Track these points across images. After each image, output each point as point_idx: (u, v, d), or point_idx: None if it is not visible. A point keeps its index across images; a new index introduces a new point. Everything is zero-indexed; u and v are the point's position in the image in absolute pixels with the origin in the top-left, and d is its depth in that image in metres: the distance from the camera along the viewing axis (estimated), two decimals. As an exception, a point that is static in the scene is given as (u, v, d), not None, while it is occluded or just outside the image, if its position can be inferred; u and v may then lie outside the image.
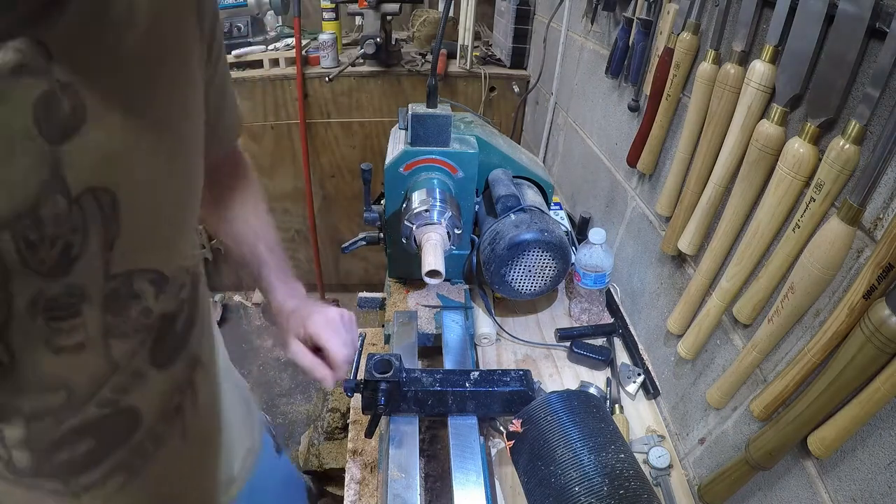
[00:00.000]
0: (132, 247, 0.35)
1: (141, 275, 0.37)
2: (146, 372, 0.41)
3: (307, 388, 2.01)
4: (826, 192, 0.49)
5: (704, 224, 0.71)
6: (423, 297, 1.00)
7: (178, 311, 0.43)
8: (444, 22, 0.83)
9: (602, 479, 0.54)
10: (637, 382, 0.87)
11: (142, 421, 0.42)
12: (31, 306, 0.32)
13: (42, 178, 0.29)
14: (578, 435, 0.58)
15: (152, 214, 0.37)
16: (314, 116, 1.89)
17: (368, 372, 0.68)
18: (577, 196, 1.35)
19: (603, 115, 1.17)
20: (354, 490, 0.75)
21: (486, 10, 2.19)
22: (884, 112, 0.44)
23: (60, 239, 0.31)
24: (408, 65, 1.83)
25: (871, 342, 0.41)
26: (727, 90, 0.63)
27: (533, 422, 0.62)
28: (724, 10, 0.67)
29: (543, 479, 0.57)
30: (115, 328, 0.37)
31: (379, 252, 1.08)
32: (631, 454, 0.58)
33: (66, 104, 0.29)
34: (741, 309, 0.62)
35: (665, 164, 0.87)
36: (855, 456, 0.47)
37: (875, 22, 0.44)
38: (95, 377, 0.37)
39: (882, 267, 0.42)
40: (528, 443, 0.61)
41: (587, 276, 0.95)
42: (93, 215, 0.32)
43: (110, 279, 0.35)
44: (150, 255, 0.38)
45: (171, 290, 0.41)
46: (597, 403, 0.64)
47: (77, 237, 0.32)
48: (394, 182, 0.91)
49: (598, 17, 1.19)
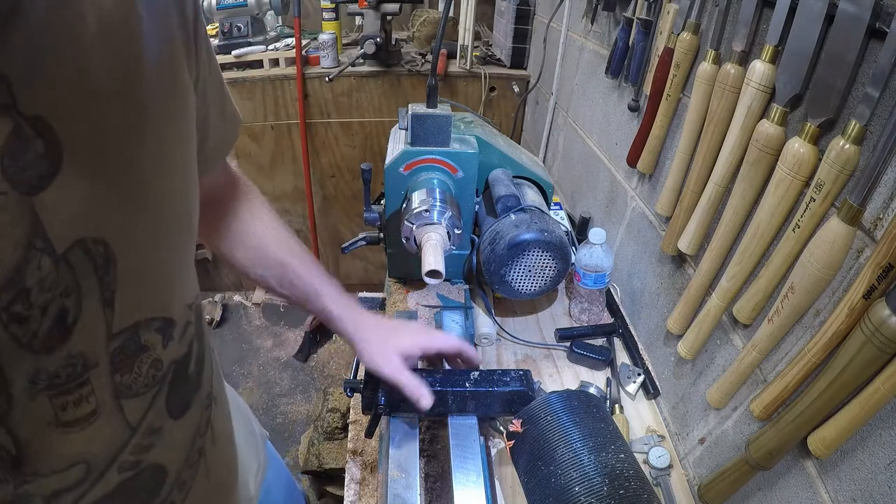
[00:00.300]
0: (134, 298, 0.32)
1: (146, 325, 0.34)
2: (164, 425, 0.37)
3: (307, 388, 2.01)
4: (826, 192, 0.49)
5: (704, 224, 0.71)
6: (423, 297, 1.00)
7: (188, 354, 0.39)
8: (444, 22, 0.83)
9: (602, 479, 0.54)
10: (637, 382, 0.87)
11: (167, 475, 0.38)
12: (31, 387, 0.28)
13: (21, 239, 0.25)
14: (578, 435, 0.58)
15: (151, 259, 0.33)
16: (314, 116, 1.89)
17: (368, 372, 0.68)
18: (577, 196, 1.35)
19: (603, 115, 1.17)
20: (354, 490, 0.75)
21: (486, 10, 2.19)
22: (884, 112, 0.44)
23: (52, 305, 0.27)
24: (408, 65, 1.83)
25: (871, 342, 0.41)
26: (727, 90, 0.63)
27: (533, 422, 0.62)
28: (724, 10, 0.67)
29: (543, 479, 0.57)
30: (126, 388, 0.33)
31: (379, 252, 1.08)
32: (631, 454, 0.58)
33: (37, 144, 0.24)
34: (741, 309, 0.62)
35: (665, 164, 0.87)
36: (855, 456, 0.47)
37: (875, 22, 0.44)
38: (113, 443, 0.34)
39: (882, 267, 0.42)
40: (528, 443, 0.61)
41: (587, 276, 0.95)
42: (84, 271, 0.28)
43: (114, 338, 0.31)
44: (155, 302, 0.34)
45: (178, 334, 0.37)
46: (596, 403, 0.64)
47: (71, 300, 0.28)
48: (394, 182, 0.91)
49: (598, 17, 1.19)
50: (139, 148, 0.31)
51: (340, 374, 2.05)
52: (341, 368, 2.08)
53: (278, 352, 2.16)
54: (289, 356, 2.13)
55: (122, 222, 0.30)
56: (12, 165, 0.24)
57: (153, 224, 0.33)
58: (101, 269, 0.29)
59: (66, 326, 0.28)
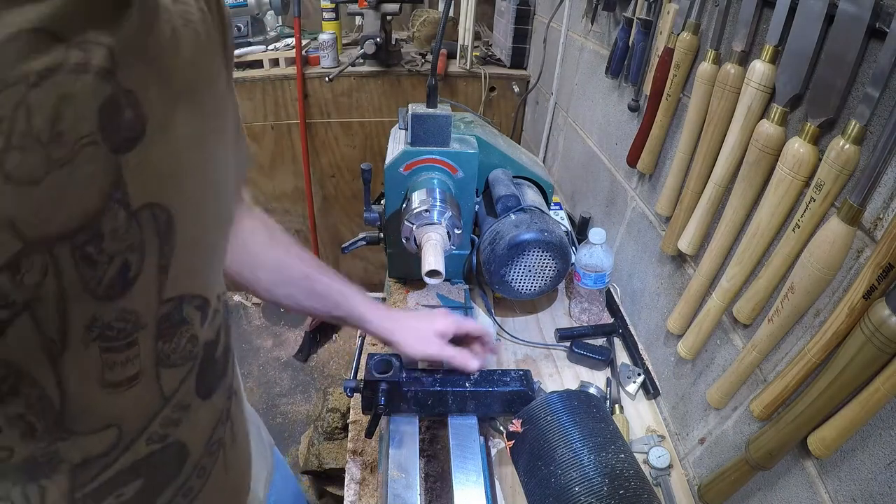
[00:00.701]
0: (183, 270, 0.34)
1: (189, 300, 0.36)
2: (192, 403, 0.39)
3: (307, 388, 2.01)
4: (826, 192, 0.49)
5: (704, 224, 0.71)
6: (423, 297, 1.00)
7: (217, 339, 0.41)
8: (444, 22, 0.83)
9: (602, 479, 0.54)
10: (637, 382, 0.87)
11: (189, 455, 0.40)
12: (86, 334, 0.29)
13: (104, 189, 0.27)
14: (578, 435, 0.58)
15: (201, 237, 0.35)
16: (314, 116, 1.89)
17: (368, 372, 0.68)
18: (577, 196, 1.35)
19: (603, 115, 1.17)
20: (354, 490, 0.75)
21: (486, 10, 2.19)
22: (884, 112, 0.44)
23: (118, 256, 0.29)
24: (408, 65, 1.83)
25: (871, 342, 0.41)
26: (727, 90, 0.63)
27: (533, 422, 0.62)
28: (724, 10, 0.67)
29: (543, 479, 0.57)
30: (166, 357, 0.35)
31: (379, 252, 1.08)
32: (631, 454, 0.59)
33: (129, 112, 0.27)
34: (741, 309, 0.62)
35: (665, 164, 0.87)
36: (855, 456, 0.47)
37: (875, 22, 0.44)
38: (147, 411, 0.35)
39: (882, 267, 0.42)
40: (528, 443, 0.61)
41: (587, 276, 0.95)
42: (151, 233, 0.30)
43: (163, 304, 0.33)
44: (197, 280, 0.36)
45: (211, 316, 0.39)
46: (596, 403, 0.64)
47: (135, 256, 0.30)
48: (394, 182, 0.91)
49: (598, 17, 1.20)
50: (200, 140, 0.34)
51: (340, 374, 2.05)
52: (341, 368, 2.08)
53: (278, 352, 2.16)
54: (289, 356, 2.14)
55: (184, 198, 0.32)
56: (108, 124, 0.26)
57: (207, 206, 0.35)
58: (164, 235, 0.31)
59: (127, 280, 0.30)
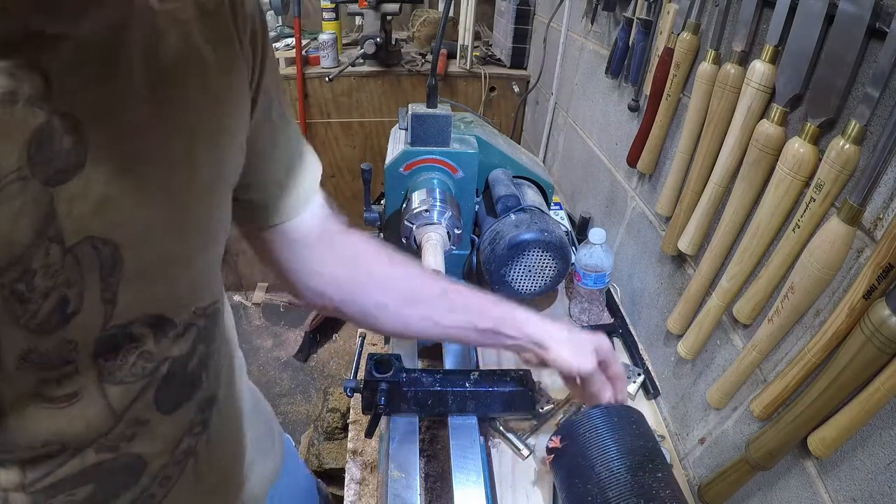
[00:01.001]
0: (139, 296, 0.32)
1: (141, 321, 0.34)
2: (151, 418, 0.37)
3: (307, 388, 2.01)
4: (826, 192, 0.49)
5: (704, 224, 0.71)
6: (423, 297, 0.99)
7: (192, 352, 0.39)
8: (444, 22, 0.83)
9: (637, 500, 0.53)
10: (637, 382, 0.87)
11: (147, 465, 0.38)
12: (22, 362, 0.29)
13: (35, 224, 0.26)
14: (616, 453, 0.57)
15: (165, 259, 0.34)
16: (314, 116, 1.89)
17: (368, 372, 0.68)
18: (577, 196, 1.35)
19: (603, 115, 1.17)
20: (354, 490, 0.75)
21: (486, 10, 2.19)
22: (884, 112, 0.44)
23: (54, 292, 0.28)
24: (408, 65, 1.83)
25: (871, 342, 0.41)
26: (727, 90, 0.63)
27: (572, 437, 0.62)
28: (724, 10, 0.67)
29: (580, 496, 0.57)
30: (110, 375, 0.34)
31: (379, 252, 1.08)
32: (669, 472, 0.58)
33: (65, 140, 0.26)
34: (741, 309, 0.62)
35: (665, 164, 0.87)
36: (855, 456, 0.47)
37: (875, 22, 0.44)
38: (94, 427, 0.34)
39: (882, 267, 0.42)
40: (567, 458, 0.61)
41: (587, 276, 0.95)
42: (90, 268, 0.29)
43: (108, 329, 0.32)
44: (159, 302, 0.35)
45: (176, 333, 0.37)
46: (637, 419, 0.63)
47: (73, 291, 0.29)
48: (394, 182, 0.91)
49: (598, 17, 1.20)
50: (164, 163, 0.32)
51: (340, 374, 2.05)
52: (341, 368, 2.08)
53: (278, 352, 2.16)
54: (289, 356, 2.13)
55: (134, 228, 0.30)
56: (38, 155, 0.25)
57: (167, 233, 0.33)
58: (107, 268, 0.30)
59: (66, 315, 0.29)
